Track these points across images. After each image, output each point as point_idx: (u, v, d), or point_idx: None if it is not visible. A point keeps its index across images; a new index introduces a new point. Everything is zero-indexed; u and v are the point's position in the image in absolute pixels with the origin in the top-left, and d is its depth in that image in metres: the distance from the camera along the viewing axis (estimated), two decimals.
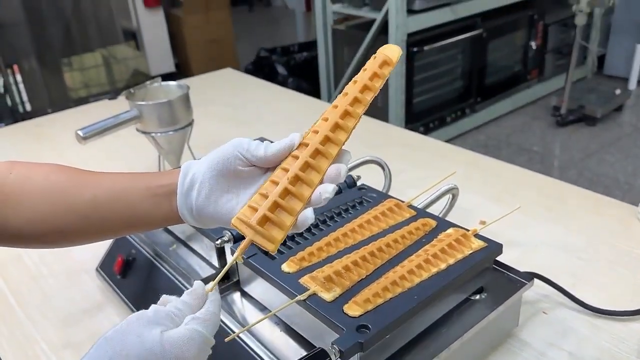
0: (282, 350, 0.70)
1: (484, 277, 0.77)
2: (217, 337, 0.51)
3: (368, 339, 0.60)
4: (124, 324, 0.47)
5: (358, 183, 0.94)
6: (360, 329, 0.61)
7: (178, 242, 0.94)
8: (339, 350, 0.58)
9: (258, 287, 0.78)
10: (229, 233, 0.78)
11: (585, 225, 1.08)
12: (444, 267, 0.71)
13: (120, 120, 1.17)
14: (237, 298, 0.81)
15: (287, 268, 0.71)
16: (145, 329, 0.47)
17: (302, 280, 0.68)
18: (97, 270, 1.01)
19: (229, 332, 0.75)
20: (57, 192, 0.58)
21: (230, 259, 0.63)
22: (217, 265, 0.84)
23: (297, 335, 0.72)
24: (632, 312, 0.84)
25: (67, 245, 0.62)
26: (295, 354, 0.69)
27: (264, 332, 0.73)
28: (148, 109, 1.18)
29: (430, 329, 0.71)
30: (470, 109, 3.56)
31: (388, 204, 0.84)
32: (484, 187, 1.24)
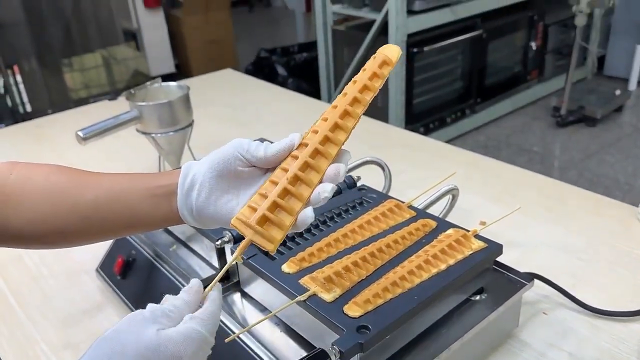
0: (282, 351, 0.70)
1: (484, 277, 0.77)
2: (217, 337, 0.51)
3: (368, 340, 0.60)
4: (121, 324, 0.48)
5: (358, 184, 0.94)
6: (361, 330, 0.61)
7: (178, 242, 0.94)
8: (339, 351, 0.58)
9: (258, 287, 0.78)
10: (229, 233, 0.78)
11: (586, 226, 1.08)
12: (444, 267, 0.71)
13: (121, 121, 1.18)
14: (237, 299, 0.81)
15: (287, 269, 0.71)
16: (142, 328, 0.47)
17: (302, 281, 0.68)
18: (97, 271, 1.01)
19: (229, 332, 0.75)
20: (57, 192, 0.58)
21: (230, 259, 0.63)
22: (217, 266, 0.84)
23: (297, 336, 0.72)
24: (632, 312, 0.84)
25: (67, 246, 0.62)
26: (296, 355, 0.69)
27: (264, 332, 0.74)
28: (148, 110, 1.19)
29: (431, 330, 0.71)
30: (470, 110, 3.56)
31: (388, 205, 0.84)
32: (484, 187, 1.24)
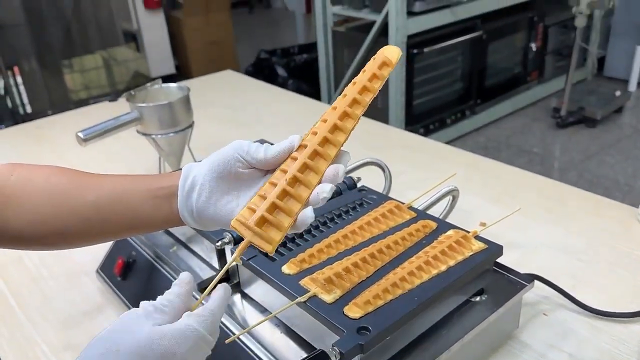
0: (282, 352, 0.70)
1: (484, 278, 0.77)
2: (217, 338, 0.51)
3: (368, 341, 0.60)
4: (116, 323, 0.48)
5: (358, 185, 0.94)
6: (361, 331, 0.61)
7: (178, 243, 0.94)
8: (340, 352, 0.58)
9: (258, 288, 0.78)
10: (229, 235, 0.78)
11: (585, 227, 1.08)
12: (444, 268, 0.71)
13: (121, 122, 1.18)
14: (237, 300, 0.81)
15: (287, 270, 0.71)
16: (136, 325, 0.47)
17: (302, 282, 0.68)
18: (97, 272, 1.01)
19: (230, 333, 0.75)
20: (58, 194, 0.58)
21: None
22: (217, 267, 0.84)
23: (297, 337, 0.72)
24: (632, 313, 0.84)
25: (67, 247, 0.63)
26: (296, 356, 0.69)
27: (265, 333, 0.74)
28: (148, 111, 1.19)
29: (431, 331, 0.71)
30: (470, 111, 3.56)
31: (388, 206, 0.84)
32: (484, 188, 1.24)
